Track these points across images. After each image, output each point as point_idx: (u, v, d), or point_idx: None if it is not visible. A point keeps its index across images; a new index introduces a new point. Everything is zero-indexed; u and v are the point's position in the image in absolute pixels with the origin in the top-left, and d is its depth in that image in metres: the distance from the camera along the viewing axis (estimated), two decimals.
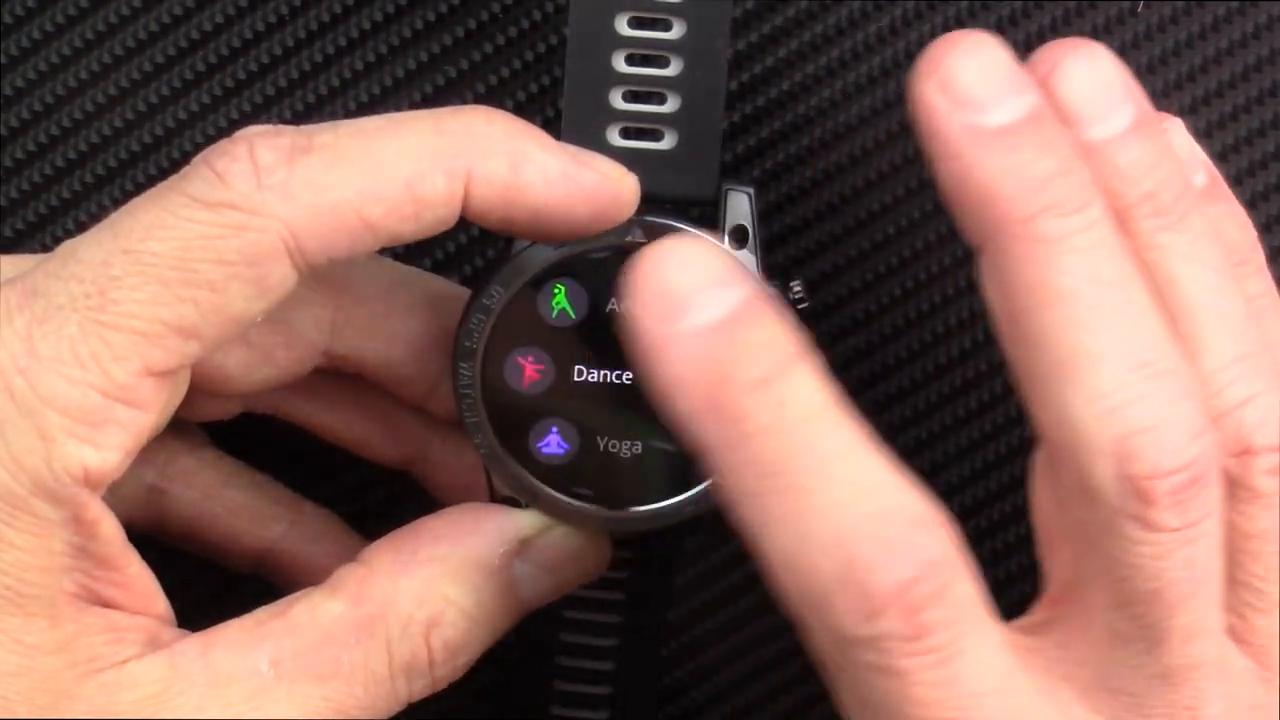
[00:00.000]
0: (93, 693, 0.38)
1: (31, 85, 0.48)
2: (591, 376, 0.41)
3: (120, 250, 0.37)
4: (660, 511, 0.41)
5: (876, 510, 0.35)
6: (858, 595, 0.34)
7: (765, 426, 0.35)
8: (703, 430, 0.35)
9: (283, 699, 0.39)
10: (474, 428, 0.41)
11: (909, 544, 0.35)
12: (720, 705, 0.49)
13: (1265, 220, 0.47)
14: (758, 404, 0.35)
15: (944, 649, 0.35)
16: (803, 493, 0.35)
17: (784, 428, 0.35)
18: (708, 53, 0.41)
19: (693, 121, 0.41)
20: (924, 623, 0.35)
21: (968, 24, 0.47)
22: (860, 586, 0.34)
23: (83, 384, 0.37)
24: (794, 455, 0.35)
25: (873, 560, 0.34)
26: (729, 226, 0.41)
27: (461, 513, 0.41)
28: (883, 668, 0.35)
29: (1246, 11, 0.47)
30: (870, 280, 0.47)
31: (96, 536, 0.38)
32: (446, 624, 0.40)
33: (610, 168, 0.39)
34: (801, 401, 0.35)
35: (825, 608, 0.35)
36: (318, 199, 0.37)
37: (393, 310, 0.43)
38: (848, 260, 0.47)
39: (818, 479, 0.35)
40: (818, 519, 0.34)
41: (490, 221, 0.39)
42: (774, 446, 0.35)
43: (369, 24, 0.47)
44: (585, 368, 0.41)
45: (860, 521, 0.34)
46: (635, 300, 0.35)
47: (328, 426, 0.45)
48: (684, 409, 0.35)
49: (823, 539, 0.34)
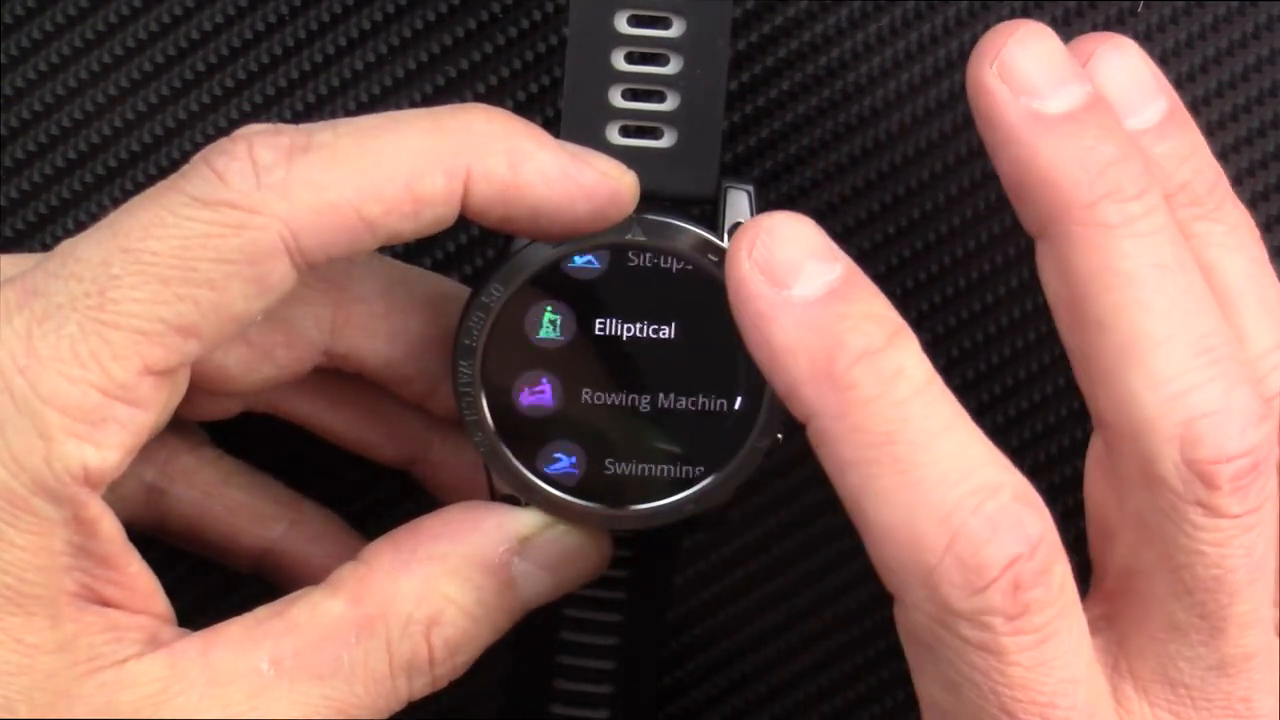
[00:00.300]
0: (93, 692, 0.38)
1: (31, 85, 0.48)
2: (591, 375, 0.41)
3: (119, 249, 0.37)
4: (660, 510, 0.41)
5: (983, 484, 0.35)
6: (965, 568, 0.35)
7: (873, 396, 0.36)
8: (810, 397, 0.36)
9: (283, 698, 0.39)
10: (474, 426, 0.41)
11: (1016, 520, 0.35)
12: (720, 705, 0.49)
13: (1265, 220, 0.47)
14: (866, 373, 0.36)
15: (1042, 629, 0.35)
16: (910, 464, 0.35)
17: (892, 398, 0.36)
18: (708, 51, 0.41)
19: (692, 119, 0.41)
20: (1027, 601, 0.35)
21: (968, 24, 0.47)
22: (968, 560, 0.35)
23: (82, 383, 0.37)
24: (902, 425, 0.36)
25: (980, 534, 0.35)
26: (728, 224, 0.41)
27: (461, 511, 0.41)
28: (983, 644, 0.35)
29: (1246, 11, 0.47)
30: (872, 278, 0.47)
31: (97, 535, 0.38)
32: (446, 622, 0.40)
33: (610, 166, 0.39)
34: (908, 373, 0.36)
35: (931, 580, 0.35)
36: (317, 198, 0.37)
37: (393, 309, 0.43)
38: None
39: (925, 451, 0.35)
40: (926, 490, 0.35)
41: (490, 220, 0.39)
42: (882, 416, 0.36)
43: (369, 24, 0.47)
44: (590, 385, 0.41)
45: (967, 495, 0.35)
46: (744, 269, 0.36)
47: (328, 426, 0.45)
48: (792, 375, 0.36)
49: (930, 511, 0.35)
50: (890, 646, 0.48)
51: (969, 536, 0.35)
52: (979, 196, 0.47)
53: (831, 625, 0.48)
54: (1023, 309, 0.47)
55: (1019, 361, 0.47)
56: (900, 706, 0.48)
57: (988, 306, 0.47)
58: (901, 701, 0.48)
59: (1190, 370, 0.36)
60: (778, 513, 0.48)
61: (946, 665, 0.36)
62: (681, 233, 0.40)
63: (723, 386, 0.41)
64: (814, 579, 0.48)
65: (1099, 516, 0.39)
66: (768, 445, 0.41)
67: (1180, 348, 0.37)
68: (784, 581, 0.48)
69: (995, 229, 0.47)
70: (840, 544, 0.48)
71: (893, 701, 0.49)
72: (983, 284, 0.47)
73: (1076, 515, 0.41)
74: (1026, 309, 0.47)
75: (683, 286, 0.40)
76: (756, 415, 0.41)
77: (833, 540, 0.48)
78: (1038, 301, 0.47)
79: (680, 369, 0.41)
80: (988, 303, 0.47)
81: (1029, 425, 0.48)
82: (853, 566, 0.48)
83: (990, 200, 0.47)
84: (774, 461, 0.47)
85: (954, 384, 0.47)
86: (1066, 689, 0.36)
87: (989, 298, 0.47)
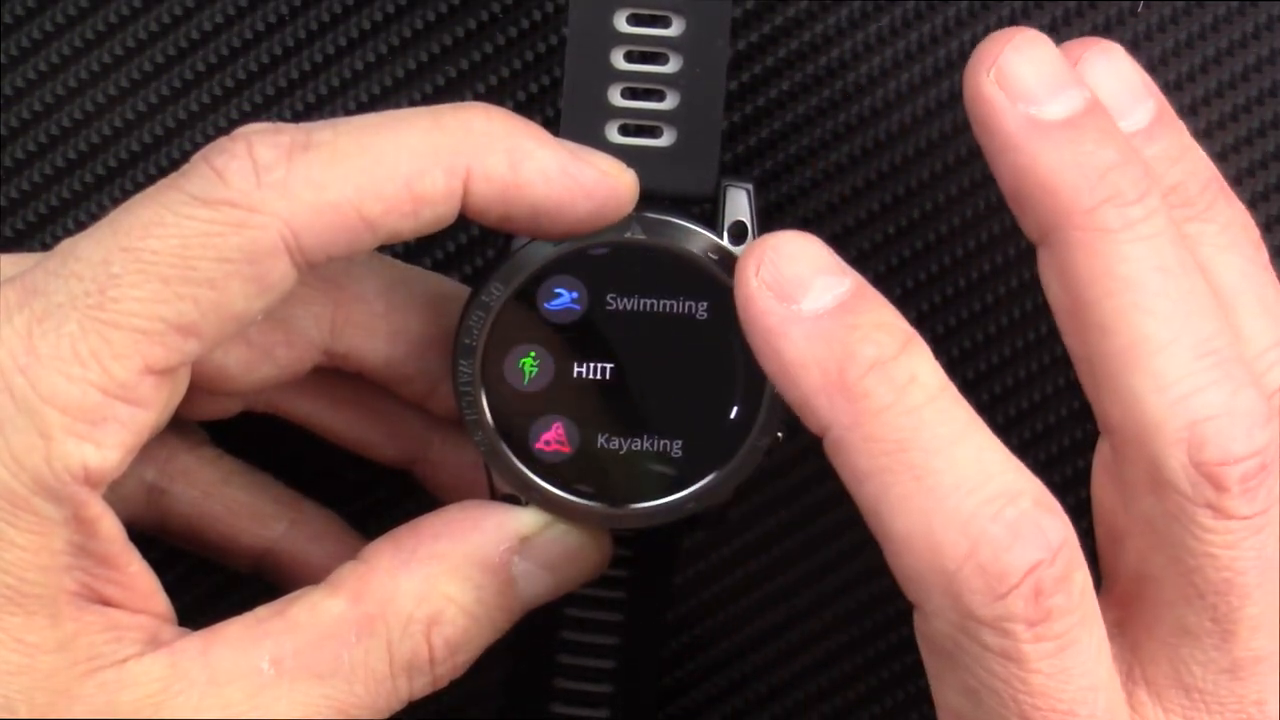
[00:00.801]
0: (93, 691, 0.38)
1: (31, 85, 0.48)
2: (591, 374, 0.41)
3: (119, 248, 0.37)
4: (660, 508, 0.41)
5: (1002, 490, 0.35)
6: (986, 574, 0.35)
7: (887, 404, 0.36)
8: (824, 409, 0.36)
9: (283, 698, 0.39)
10: (474, 425, 0.41)
11: (1036, 526, 0.35)
12: (720, 705, 0.49)
13: (1265, 220, 0.47)
14: (879, 382, 0.36)
15: (1063, 636, 0.35)
16: (927, 471, 0.35)
17: (906, 406, 0.36)
18: (707, 49, 0.41)
19: (692, 118, 0.41)
20: (1049, 607, 0.35)
21: (968, 24, 0.47)
22: (989, 566, 0.35)
23: (83, 382, 0.37)
24: (917, 433, 0.36)
25: (1001, 540, 0.35)
26: (728, 223, 0.41)
27: (461, 510, 0.41)
28: (1004, 651, 0.35)
29: (1246, 11, 0.47)
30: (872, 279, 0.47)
31: (97, 535, 0.38)
32: (447, 622, 0.40)
33: (609, 164, 0.39)
34: (921, 380, 0.36)
35: (951, 587, 0.35)
36: (317, 196, 0.37)
37: (393, 309, 0.43)
38: (849, 260, 0.47)
39: (942, 458, 0.36)
40: (944, 497, 0.35)
41: (489, 219, 0.39)
42: (897, 425, 0.36)
43: (369, 24, 0.47)
44: (585, 365, 0.41)
45: (986, 501, 0.35)
46: (752, 286, 0.37)
47: (328, 425, 0.45)
48: (805, 388, 0.36)
49: (949, 517, 0.35)
50: (890, 647, 0.48)
51: (990, 543, 0.35)
52: (979, 196, 0.47)
53: (831, 625, 0.48)
54: (1023, 309, 0.47)
55: (1019, 361, 0.47)
56: (900, 706, 0.48)
57: (988, 306, 0.47)
58: (901, 701, 0.48)
59: (1195, 373, 0.36)
60: (778, 512, 0.48)
61: (966, 673, 0.36)
62: (681, 231, 0.40)
63: (723, 385, 0.41)
64: (814, 579, 0.48)
65: (1108, 522, 0.39)
66: (768, 444, 0.41)
67: (1184, 350, 0.37)
68: (784, 581, 0.48)
69: (995, 229, 0.47)
70: (840, 544, 0.48)
71: (893, 701, 0.48)
72: (983, 284, 0.47)
73: (1077, 514, 0.40)
74: (1026, 309, 0.47)
75: (682, 287, 0.40)
76: (756, 414, 0.41)
77: (833, 540, 0.48)
78: (1037, 301, 0.47)
79: (679, 368, 0.41)
80: (988, 303, 0.47)
81: (1029, 425, 0.48)
82: (853, 566, 0.48)
83: (990, 200, 0.47)
84: (774, 461, 0.47)
85: (960, 381, 0.47)
86: (1087, 696, 0.36)
87: (989, 297, 0.47)
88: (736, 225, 0.41)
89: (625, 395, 0.41)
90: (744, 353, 0.38)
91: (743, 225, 0.41)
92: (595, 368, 0.41)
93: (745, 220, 0.41)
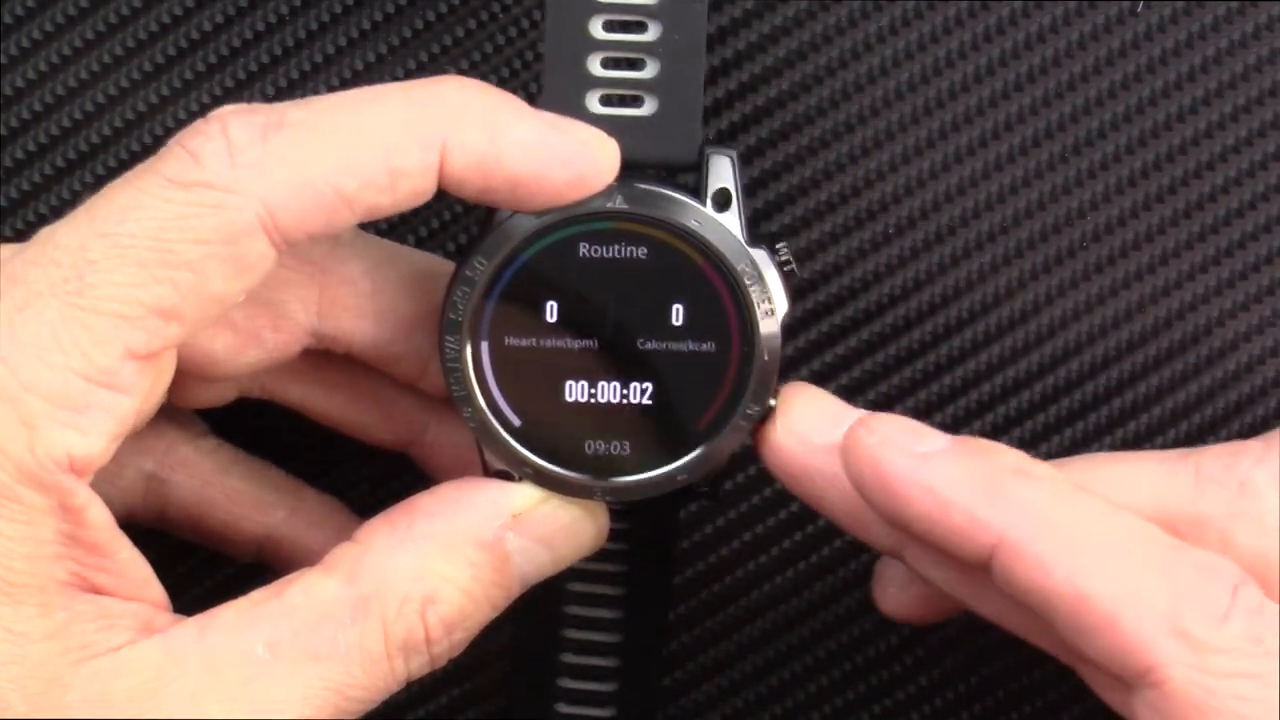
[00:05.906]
0: (85, 679, 0.38)
1: (31, 85, 0.48)
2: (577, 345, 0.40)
3: (97, 234, 0.37)
4: (653, 480, 0.41)
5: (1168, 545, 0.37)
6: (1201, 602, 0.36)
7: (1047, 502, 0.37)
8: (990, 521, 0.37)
9: (280, 681, 0.38)
10: (462, 401, 0.41)
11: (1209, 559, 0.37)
12: (720, 705, 0.49)
13: (1265, 220, 0.46)
14: (1025, 486, 0.37)
15: None
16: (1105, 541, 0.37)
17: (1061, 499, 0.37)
18: (685, 15, 0.40)
19: (673, 86, 0.41)
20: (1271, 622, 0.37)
21: (968, 25, 0.46)
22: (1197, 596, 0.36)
23: (64, 369, 0.37)
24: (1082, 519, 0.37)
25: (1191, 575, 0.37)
26: (712, 190, 0.40)
27: (454, 488, 0.41)
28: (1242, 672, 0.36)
29: (1246, 11, 0.46)
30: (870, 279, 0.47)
31: (85, 523, 0.38)
32: (442, 600, 0.40)
33: (589, 134, 0.39)
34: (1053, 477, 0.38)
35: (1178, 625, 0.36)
36: (292, 175, 0.37)
37: (379, 288, 0.42)
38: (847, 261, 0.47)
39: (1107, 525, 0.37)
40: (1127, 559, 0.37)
41: (468, 192, 0.39)
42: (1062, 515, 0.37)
43: (369, 24, 0.47)
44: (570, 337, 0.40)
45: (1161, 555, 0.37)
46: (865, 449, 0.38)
47: (323, 410, 0.45)
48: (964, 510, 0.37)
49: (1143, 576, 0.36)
50: (889, 647, 0.48)
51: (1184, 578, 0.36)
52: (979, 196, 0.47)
53: (831, 625, 0.48)
54: (1022, 306, 0.47)
55: (1019, 361, 0.47)
56: (900, 706, 0.48)
57: (986, 303, 0.47)
58: (901, 701, 0.48)
59: None
60: (777, 511, 0.48)
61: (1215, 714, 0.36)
62: (664, 199, 0.40)
63: (712, 352, 0.40)
64: (813, 578, 0.48)
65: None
66: (758, 413, 0.40)
67: None
68: (784, 581, 0.48)
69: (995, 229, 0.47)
70: (840, 543, 0.48)
71: (892, 702, 0.48)
72: (980, 280, 0.47)
73: None
74: (1025, 306, 0.47)
75: (669, 257, 0.40)
76: (746, 383, 0.40)
77: (832, 539, 0.48)
78: (1035, 299, 0.47)
79: (668, 339, 0.40)
80: (986, 300, 0.47)
81: (1029, 425, 0.47)
82: (852, 566, 0.48)
83: (989, 198, 0.47)
84: None
85: (953, 383, 0.47)
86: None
87: (987, 294, 0.47)
88: (720, 193, 0.40)
89: (613, 367, 0.40)
90: (731, 325, 0.38)
91: (726, 192, 0.40)
92: (581, 341, 0.40)
93: (729, 187, 0.40)
